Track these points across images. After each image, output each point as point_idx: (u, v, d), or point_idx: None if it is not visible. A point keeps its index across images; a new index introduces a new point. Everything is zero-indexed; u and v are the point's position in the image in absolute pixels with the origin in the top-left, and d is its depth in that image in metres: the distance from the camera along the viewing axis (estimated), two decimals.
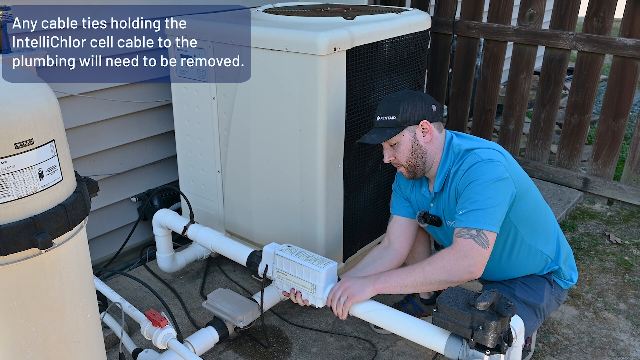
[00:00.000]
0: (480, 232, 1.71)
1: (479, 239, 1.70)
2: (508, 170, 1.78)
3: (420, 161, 1.90)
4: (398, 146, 1.89)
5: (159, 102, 2.90)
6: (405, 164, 1.91)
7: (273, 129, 2.23)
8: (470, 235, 1.71)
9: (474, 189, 1.76)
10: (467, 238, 1.71)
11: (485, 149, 1.83)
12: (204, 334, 2.00)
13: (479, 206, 1.73)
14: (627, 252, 3.00)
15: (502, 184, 1.75)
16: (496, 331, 1.45)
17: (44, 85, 1.24)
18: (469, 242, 1.70)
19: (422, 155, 1.89)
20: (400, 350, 2.20)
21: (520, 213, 1.86)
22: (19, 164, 1.14)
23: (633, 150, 3.35)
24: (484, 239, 1.70)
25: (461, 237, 1.72)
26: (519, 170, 1.88)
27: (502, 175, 1.75)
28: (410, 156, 1.89)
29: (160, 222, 2.40)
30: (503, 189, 1.75)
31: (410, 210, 2.07)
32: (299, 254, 1.88)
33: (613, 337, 2.36)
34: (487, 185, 1.74)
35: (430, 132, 1.88)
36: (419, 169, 1.92)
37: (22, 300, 1.23)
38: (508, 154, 1.89)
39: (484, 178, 1.75)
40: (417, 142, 1.88)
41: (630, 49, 3.14)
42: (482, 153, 1.81)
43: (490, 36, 3.66)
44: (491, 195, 1.73)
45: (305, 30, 2.03)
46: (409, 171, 1.94)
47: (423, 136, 1.88)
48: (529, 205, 1.89)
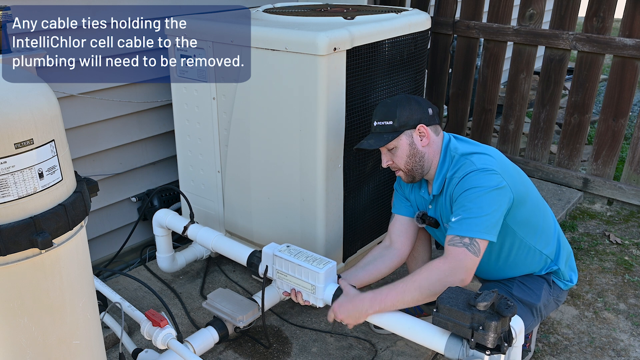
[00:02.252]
0: (473, 241, 1.70)
1: (471, 248, 1.70)
2: (504, 178, 1.77)
3: (418, 165, 1.90)
4: (395, 151, 1.89)
5: (159, 102, 2.90)
6: (404, 168, 1.92)
7: (273, 129, 2.23)
8: (463, 243, 1.70)
9: (467, 197, 1.75)
10: (459, 247, 1.70)
11: (482, 156, 1.82)
12: (204, 334, 2.00)
13: (472, 214, 1.73)
14: (627, 252, 3.00)
15: (497, 193, 1.74)
16: (496, 331, 1.45)
17: (44, 85, 1.24)
18: (462, 251, 1.70)
19: (419, 159, 1.89)
20: (400, 350, 2.20)
21: (519, 218, 1.86)
22: (19, 164, 1.14)
23: (633, 150, 3.35)
24: (476, 247, 1.70)
25: (454, 246, 1.72)
26: (515, 176, 1.86)
27: (499, 185, 1.75)
28: (408, 160, 1.90)
29: (160, 222, 2.40)
30: (498, 198, 1.74)
31: (411, 210, 2.07)
32: (297, 254, 1.88)
33: (613, 337, 2.36)
34: (482, 194, 1.74)
35: (428, 136, 1.88)
36: (417, 172, 1.92)
37: (22, 300, 1.23)
38: (504, 159, 1.88)
39: (479, 187, 1.74)
40: (414, 146, 1.88)
41: (630, 49, 3.14)
42: (478, 161, 1.80)
43: (490, 36, 3.66)
44: (485, 203, 1.73)
45: (305, 30, 2.03)
46: (407, 175, 1.94)
47: (420, 140, 1.88)
48: (528, 209, 1.88)
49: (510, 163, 1.90)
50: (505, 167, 1.84)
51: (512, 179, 1.81)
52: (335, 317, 1.79)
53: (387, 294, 1.72)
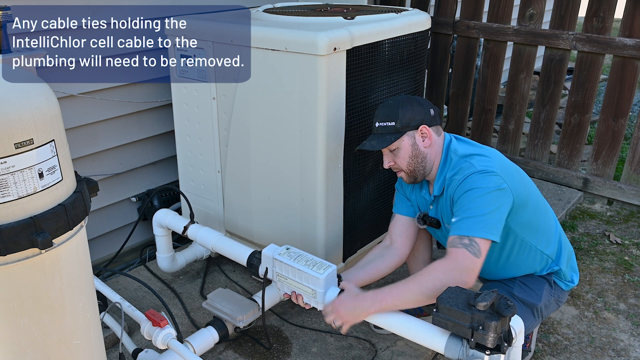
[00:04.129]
0: (472, 241, 1.69)
1: (471, 248, 1.69)
2: (505, 180, 1.76)
3: (420, 165, 1.90)
4: (398, 152, 1.89)
5: (159, 102, 2.90)
6: (406, 169, 1.92)
7: (273, 129, 2.23)
8: (463, 244, 1.69)
9: (467, 198, 1.75)
10: (459, 248, 1.69)
11: (482, 157, 1.82)
12: (204, 334, 2.00)
13: (471, 214, 1.72)
14: (627, 252, 3.00)
15: (497, 194, 1.74)
16: (496, 331, 1.45)
17: (44, 85, 1.24)
18: (463, 252, 1.69)
19: (421, 159, 1.89)
20: (400, 350, 2.20)
21: (521, 219, 1.85)
22: (19, 164, 1.14)
23: (633, 150, 3.35)
24: (476, 247, 1.69)
25: (454, 247, 1.71)
26: (516, 177, 1.85)
27: (500, 186, 1.74)
28: (410, 161, 1.89)
29: (160, 222, 2.40)
30: (498, 198, 1.74)
31: (412, 210, 2.07)
32: (297, 257, 1.86)
33: (613, 337, 2.36)
34: (482, 195, 1.73)
35: (430, 137, 1.88)
36: (419, 173, 1.92)
37: (22, 300, 1.23)
38: (505, 160, 1.87)
39: (479, 188, 1.74)
40: (416, 146, 1.88)
41: (630, 49, 3.14)
42: (478, 163, 1.79)
43: (490, 36, 3.66)
44: (485, 203, 1.72)
45: (305, 30, 2.03)
46: (409, 176, 1.94)
47: (422, 141, 1.88)
48: (529, 210, 1.88)
49: (511, 164, 1.90)
50: (506, 169, 1.83)
51: (513, 181, 1.80)
52: (336, 313, 1.77)
53: (388, 293, 1.72)
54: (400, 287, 1.72)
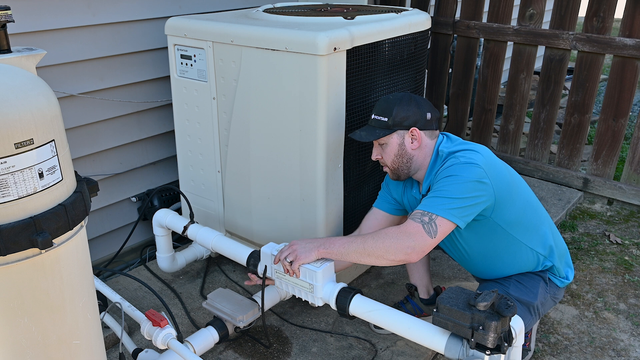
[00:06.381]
0: (432, 220, 1.70)
1: (427, 227, 1.70)
2: (488, 175, 1.76)
3: (405, 166, 1.92)
4: (385, 147, 1.92)
5: (159, 102, 2.90)
6: (390, 166, 1.95)
7: (273, 129, 2.23)
8: (422, 220, 1.71)
9: (444, 182, 1.76)
10: (417, 222, 1.71)
11: (467, 152, 1.82)
12: (204, 334, 2.00)
13: (443, 194, 1.73)
14: (627, 252, 3.00)
15: (475, 185, 1.74)
16: (496, 331, 1.45)
17: (44, 85, 1.24)
18: (417, 226, 1.70)
19: (407, 160, 1.91)
20: (400, 350, 2.20)
21: (508, 217, 1.86)
22: (19, 164, 1.14)
23: (633, 150, 3.36)
24: (433, 227, 1.69)
25: (412, 220, 1.73)
26: (504, 175, 1.85)
27: (480, 179, 1.74)
28: (395, 159, 1.92)
29: (160, 222, 2.40)
30: (476, 190, 1.74)
31: (391, 207, 2.10)
32: None
33: (613, 337, 2.36)
34: (459, 183, 1.74)
35: (419, 140, 1.89)
36: (403, 172, 1.95)
37: (22, 300, 1.23)
38: (492, 157, 1.86)
39: (457, 176, 1.75)
40: (403, 147, 1.90)
41: (630, 49, 3.14)
42: (463, 156, 1.80)
43: (490, 36, 3.66)
44: (459, 190, 1.73)
45: (305, 30, 2.04)
46: (392, 173, 1.97)
47: (411, 142, 1.90)
48: (517, 208, 1.88)
49: (499, 161, 1.89)
50: (493, 165, 1.82)
51: (498, 178, 1.80)
52: (290, 248, 1.82)
53: (337, 240, 1.80)
54: (349, 239, 1.80)
